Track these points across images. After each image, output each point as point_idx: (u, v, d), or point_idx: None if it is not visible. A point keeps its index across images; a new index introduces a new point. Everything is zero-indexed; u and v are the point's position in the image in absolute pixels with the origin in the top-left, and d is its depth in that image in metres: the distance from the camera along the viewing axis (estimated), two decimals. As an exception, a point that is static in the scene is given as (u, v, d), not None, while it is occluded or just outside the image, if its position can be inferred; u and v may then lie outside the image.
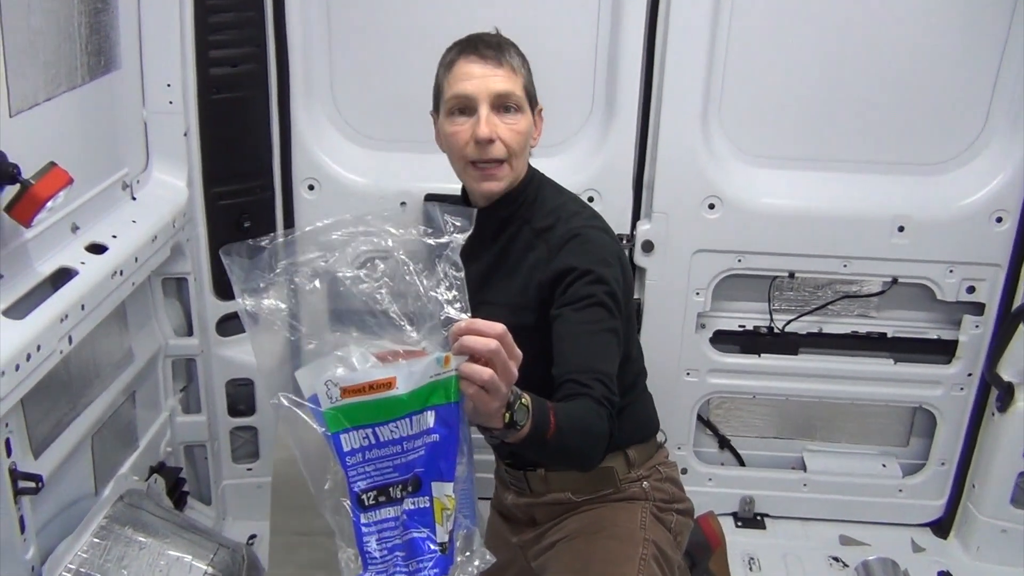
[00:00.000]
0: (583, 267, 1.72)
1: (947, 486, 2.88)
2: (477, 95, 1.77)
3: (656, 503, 1.95)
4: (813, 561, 2.76)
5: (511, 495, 2.06)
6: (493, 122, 1.77)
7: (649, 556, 1.85)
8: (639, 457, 1.96)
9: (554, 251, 1.78)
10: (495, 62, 1.77)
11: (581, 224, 1.81)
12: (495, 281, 1.87)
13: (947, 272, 2.64)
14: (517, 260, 1.84)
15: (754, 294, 2.78)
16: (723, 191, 2.58)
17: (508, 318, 1.78)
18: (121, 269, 2.04)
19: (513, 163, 1.82)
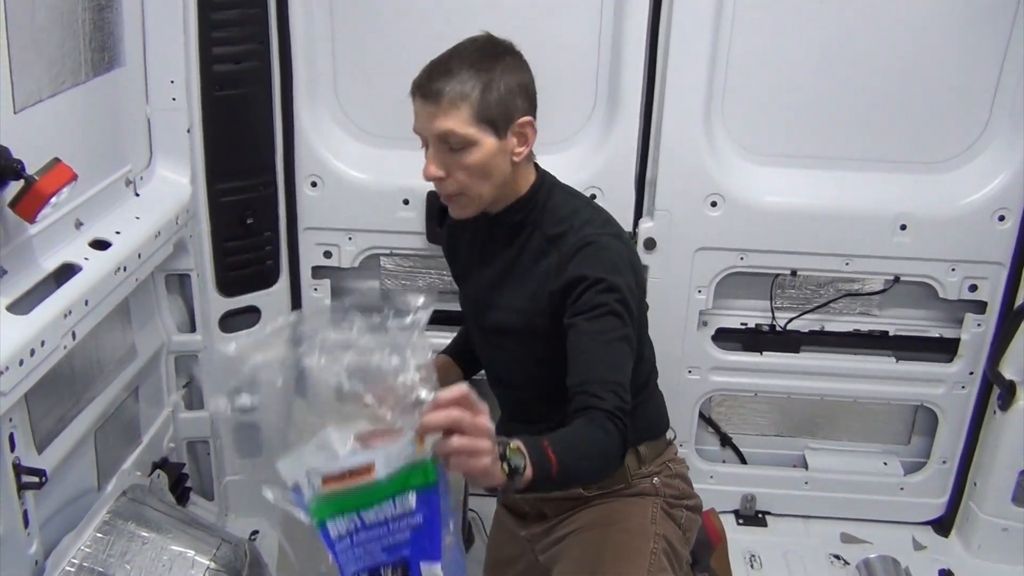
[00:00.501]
0: (594, 276, 1.71)
1: (948, 484, 2.88)
2: (423, 135, 1.75)
3: (666, 499, 1.96)
4: (814, 559, 2.77)
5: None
6: (439, 161, 1.73)
7: (659, 550, 1.87)
8: (650, 453, 1.98)
9: (566, 259, 1.76)
10: (433, 100, 1.70)
11: (593, 232, 1.78)
12: (507, 285, 1.87)
13: (949, 270, 2.64)
14: (529, 266, 1.83)
15: (756, 292, 2.78)
16: (725, 189, 2.58)
17: (519, 322, 1.84)
18: (124, 265, 2.04)
19: (474, 193, 1.77)
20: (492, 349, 1.98)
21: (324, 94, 2.59)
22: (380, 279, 2.85)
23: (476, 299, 1.95)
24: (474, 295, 1.96)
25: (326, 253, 2.72)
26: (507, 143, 1.75)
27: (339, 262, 2.73)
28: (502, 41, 1.78)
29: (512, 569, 2.08)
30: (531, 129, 1.78)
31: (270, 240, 2.65)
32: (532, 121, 1.78)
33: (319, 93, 2.58)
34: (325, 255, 2.73)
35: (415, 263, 2.80)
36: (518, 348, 1.89)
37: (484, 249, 1.93)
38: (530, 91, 1.79)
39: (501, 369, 2.00)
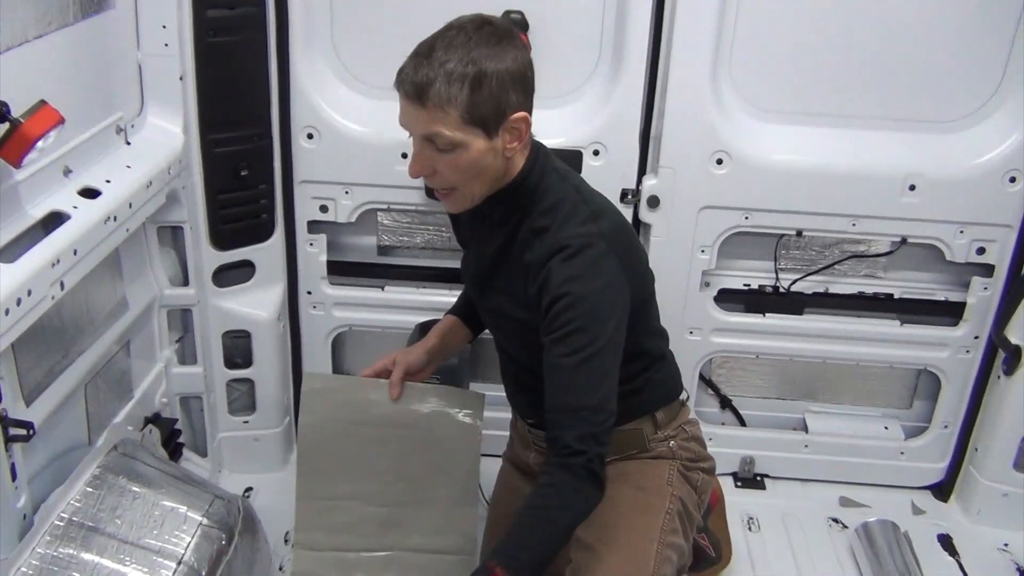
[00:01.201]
0: (559, 291, 1.64)
1: (949, 449, 2.86)
2: (409, 131, 1.68)
3: (683, 462, 1.95)
4: (812, 522, 2.75)
5: (533, 454, 2.05)
6: (425, 159, 1.66)
7: (674, 511, 1.87)
8: (665, 418, 1.96)
9: (541, 262, 1.69)
10: (417, 101, 1.60)
11: (570, 233, 1.69)
12: (501, 270, 1.83)
13: (957, 232, 2.60)
14: (517, 255, 1.78)
15: (760, 252, 2.74)
16: (732, 146, 2.52)
17: (511, 309, 1.80)
18: (115, 215, 1.98)
19: (466, 189, 1.71)
20: (492, 323, 1.96)
21: (321, 42, 2.52)
22: (377, 235, 2.80)
23: (476, 276, 1.92)
24: (474, 271, 1.93)
25: (322, 207, 2.67)
26: (498, 141, 1.66)
27: (335, 217, 2.67)
28: (496, 23, 1.66)
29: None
30: (525, 124, 1.68)
31: (265, 193, 2.59)
32: (527, 116, 1.68)
33: (316, 41, 2.51)
34: (321, 209, 2.67)
35: (413, 219, 2.75)
36: (514, 329, 1.86)
37: (483, 226, 1.88)
38: (526, 80, 1.68)
39: (502, 340, 1.98)
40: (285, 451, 2.87)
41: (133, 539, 1.83)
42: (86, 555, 1.77)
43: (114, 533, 1.83)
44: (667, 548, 1.82)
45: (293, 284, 2.77)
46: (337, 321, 2.83)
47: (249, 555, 2.08)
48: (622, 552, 1.79)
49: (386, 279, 2.81)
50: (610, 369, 1.68)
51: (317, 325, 2.84)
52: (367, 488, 2.00)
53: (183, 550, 1.88)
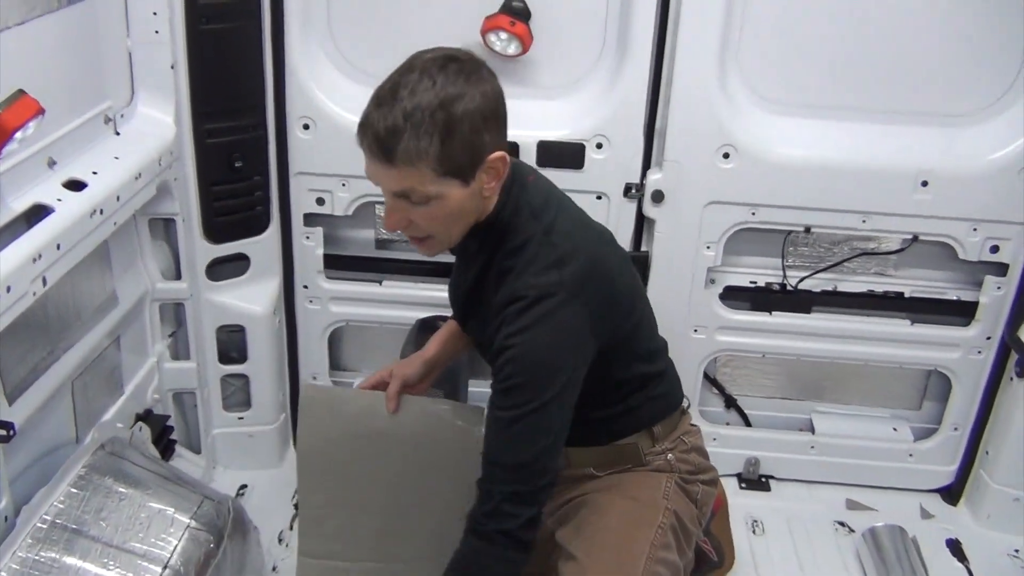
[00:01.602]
0: (505, 343, 1.56)
1: (959, 452, 2.80)
2: (378, 185, 1.56)
3: (681, 475, 1.88)
4: (818, 525, 2.69)
5: None
6: (399, 212, 1.55)
7: (667, 526, 1.80)
8: (663, 431, 1.88)
9: (501, 307, 1.61)
10: (384, 159, 1.47)
11: (527, 283, 1.58)
12: (476, 300, 1.75)
13: (971, 230, 2.53)
14: (488, 291, 1.69)
15: (767, 249, 2.67)
16: (738, 140, 2.46)
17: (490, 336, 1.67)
18: (101, 207, 1.93)
19: (443, 236, 1.62)
20: (478, 346, 1.90)
21: (318, 30, 2.45)
22: (375, 228, 2.74)
23: (456, 300, 1.89)
24: (454, 295, 1.90)
25: (319, 200, 2.61)
26: (476, 185, 1.55)
27: (332, 209, 2.62)
28: (460, 56, 1.53)
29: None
30: (502, 163, 1.57)
31: (260, 185, 2.53)
32: (504, 156, 1.56)
33: (312, 29, 2.44)
34: (318, 202, 2.61)
35: (412, 212, 2.69)
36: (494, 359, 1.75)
37: (462, 256, 1.82)
38: (498, 115, 1.56)
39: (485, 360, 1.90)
40: (280, 448, 2.82)
41: (118, 542, 1.79)
42: (68, 559, 1.72)
43: (98, 536, 1.78)
44: (656, 564, 1.74)
45: (289, 278, 2.72)
46: (334, 316, 2.78)
47: (239, 558, 2.04)
48: (608, 565, 1.72)
49: (384, 273, 2.75)
50: (553, 426, 1.60)
51: (313, 320, 2.78)
52: (368, 498, 1.96)
53: (169, 554, 1.83)
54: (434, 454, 1.92)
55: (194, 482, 2.14)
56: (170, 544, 1.84)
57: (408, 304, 2.71)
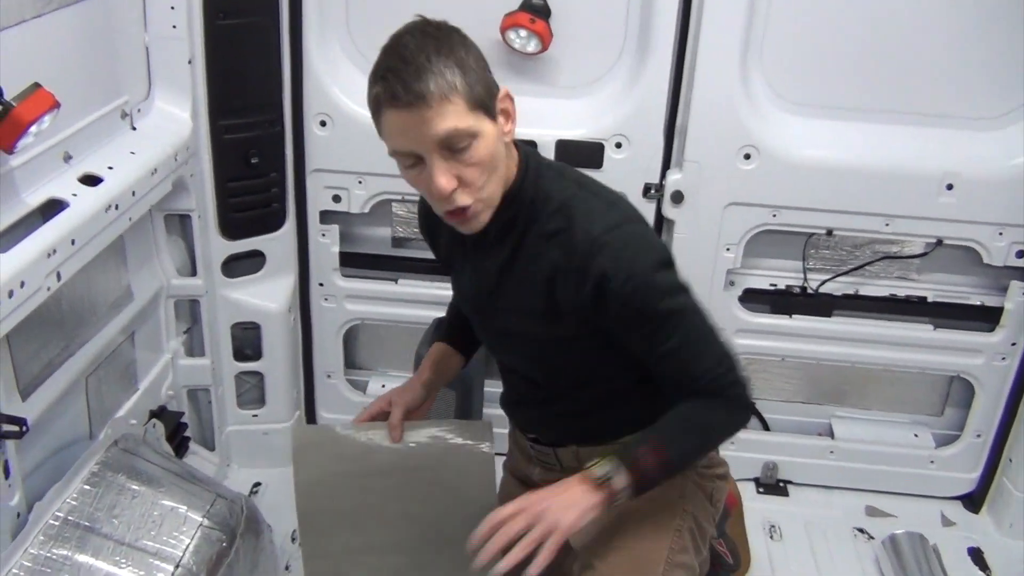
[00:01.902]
0: (625, 287, 1.50)
1: (982, 459, 2.75)
2: (417, 148, 1.46)
3: (698, 470, 1.84)
4: (837, 532, 2.65)
5: (538, 469, 1.94)
6: (448, 169, 1.46)
7: (684, 528, 1.76)
8: None
9: (575, 266, 1.54)
10: (420, 103, 1.42)
11: (595, 226, 1.54)
12: (507, 289, 1.67)
13: (996, 234, 2.48)
14: (528, 267, 1.62)
15: (788, 251, 2.63)
16: (760, 140, 2.42)
17: (525, 325, 1.65)
18: (117, 203, 1.91)
19: (487, 195, 1.53)
20: (498, 344, 1.81)
21: (336, 26, 2.44)
22: (391, 226, 2.72)
23: (476, 299, 1.76)
24: (472, 293, 1.76)
25: (335, 197, 2.59)
26: (498, 125, 1.52)
27: (348, 207, 2.60)
28: (438, 21, 1.52)
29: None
30: (510, 101, 1.55)
31: (276, 181, 2.52)
32: (509, 92, 1.55)
33: (330, 25, 2.43)
34: (334, 199, 2.59)
35: (428, 210, 2.67)
36: (525, 346, 1.72)
37: (474, 247, 1.71)
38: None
39: (509, 360, 1.84)
40: (294, 446, 2.81)
41: (130, 540, 1.77)
42: (80, 557, 1.71)
43: (110, 534, 1.76)
44: (674, 568, 1.71)
45: (304, 275, 2.70)
46: (349, 314, 2.76)
47: (252, 556, 2.02)
48: (626, 573, 1.69)
49: (400, 272, 2.73)
50: (708, 322, 1.62)
51: (328, 318, 2.77)
52: (380, 538, 1.85)
53: (181, 552, 1.81)
54: (447, 477, 1.83)
55: (207, 480, 2.12)
56: (182, 543, 1.83)
57: (424, 303, 2.68)
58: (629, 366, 1.66)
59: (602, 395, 1.73)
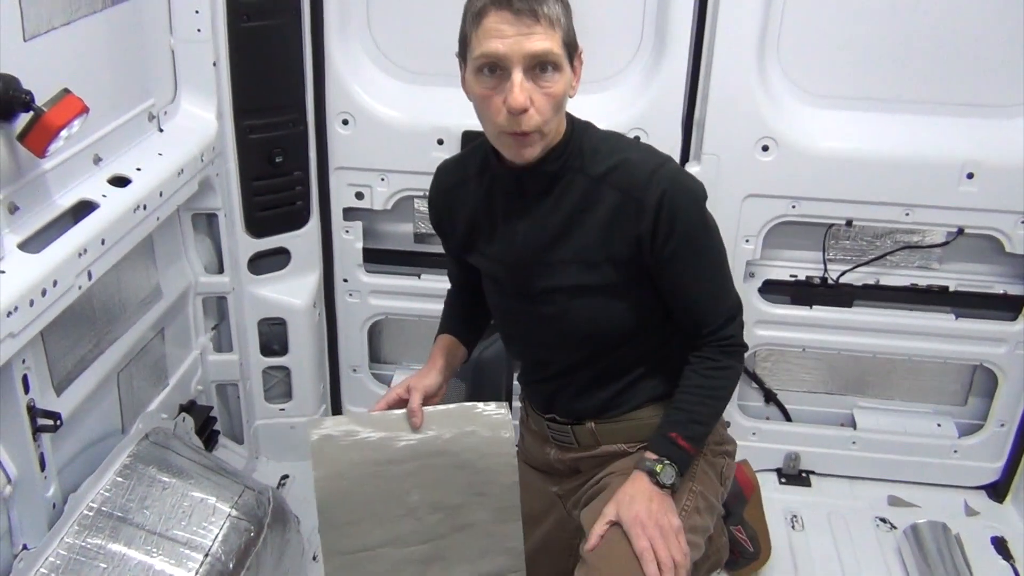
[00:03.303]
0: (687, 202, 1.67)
1: (1006, 448, 2.74)
2: (510, 56, 1.53)
3: (709, 447, 1.88)
4: (859, 522, 2.66)
5: (554, 450, 1.98)
6: (527, 89, 1.55)
7: (692, 507, 1.80)
8: None
9: (642, 197, 1.64)
10: (531, 17, 1.51)
11: (656, 163, 1.68)
12: (560, 241, 1.72)
13: (1018, 223, 2.47)
14: (579, 213, 1.69)
15: (808, 242, 2.64)
16: (778, 132, 2.43)
17: (581, 275, 1.72)
18: (145, 203, 1.97)
19: (550, 128, 1.62)
20: (534, 312, 1.82)
21: (357, 27, 2.48)
22: (414, 222, 2.76)
23: (517, 265, 1.78)
24: (513, 260, 1.79)
25: (358, 194, 2.63)
26: (572, 74, 1.64)
27: (371, 204, 2.64)
28: None
29: (540, 527, 2.00)
30: (581, 63, 1.67)
31: (300, 180, 2.57)
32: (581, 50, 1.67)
33: (351, 25, 2.47)
34: (357, 196, 2.64)
35: (450, 206, 2.71)
36: (572, 306, 1.76)
37: (513, 207, 1.76)
38: None
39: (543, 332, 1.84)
40: (321, 439, 2.85)
41: (161, 530, 1.83)
42: (113, 546, 1.77)
43: (142, 524, 1.82)
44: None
45: (329, 272, 2.75)
46: (373, 309, 2.81)
47: (279, 547, 2.07)
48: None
49: (422, 267, 2.77)
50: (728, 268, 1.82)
51: (353, 313, 2.82)
52: (401, 529, 1.85)
53: (211, 542, 1.87)
54: (468, 462, 1.84)
55: (236, 472, 2.17)
56: (212, 532, 1.88)
57: (446, 298, 2.72)
58: (656, 324, 1.79)
59: (628, 360, 1.82)
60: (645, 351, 1.82)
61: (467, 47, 1.61)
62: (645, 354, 1.83)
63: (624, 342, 1.80)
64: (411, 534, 1.86)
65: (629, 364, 1.83)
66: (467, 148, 1.94)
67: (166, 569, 1.78)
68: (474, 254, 1.89)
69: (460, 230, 1.89)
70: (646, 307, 1.77)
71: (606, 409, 1.86)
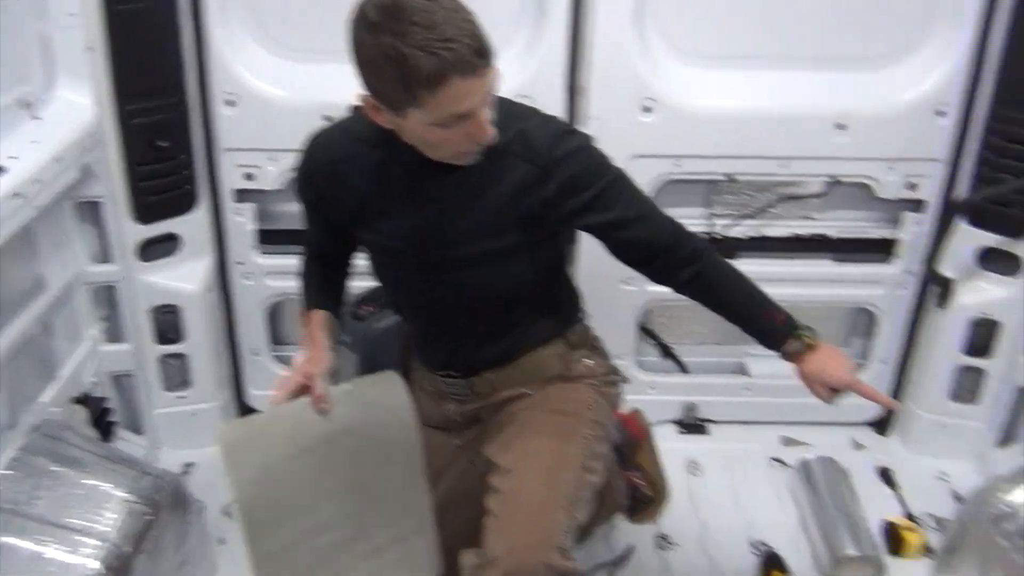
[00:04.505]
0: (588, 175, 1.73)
1: (888, 384, 2.88)
2: (478, 107, 1.54)
3: (600, 378, 1.97)
4: (755, 463, 2.78)
5: (452, 405, 2.02)
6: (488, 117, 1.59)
7: (592, 436, 1.87)
8: (578, 338, 1.97)
9: (547, 165, 1.67)
10: (486, 64, 1.51)
11: (556, 130, 1.72)
12: (465, 213, 1.74)
13: (887, 169, 2.59)
14: (483, 185, 1.70)
15: (694, 199, 2.72)
16: (658, 93, 2.50)
17: (487, 243, 1.74)
18: (21, 192, 1.93)
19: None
20: (436, 279, 1.82)
21: (237, 5, 2.44)
22: (307, 201, 2.74)
23: (419, 240, 1.78)
24: (414, 235, 1.78)
25: (247, 175, 2.61)
26: None
27: (262, 184, 2.62)
28: None
29: (445, 482, 2.03)
30: None
31: (186, 163, 2.53)
32: None
33: (232, 4, 2.43)
34: (247, 177, 2.61)
35: (342, 182, 2.70)
36: (479, 271, 1.78)
37: (413, 183, 1.75)
38: None
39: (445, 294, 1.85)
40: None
41: (54, 519, 1.81)
42: (3, 538, 1.74)
43: (34, 515, 1.80)
44: (586, 472, 1.81)
45: (223, 255, 2.72)
46: (271, 291, 2.79)
47: (179, 530, 2.06)
48: (543, 473, 1.76)
49: (319, 246, 2.76)
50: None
51: (250, 296, 2.79)
52: (323, 515, 1.87)
53: (107, 528, 1.85)
54: (373, 434, 1.88)
55: (131, 459, 2.15)
56: (107, 518, 1.86)
57: (345, 274, 2.72)
58: (552, 273, 1.88)
59: (523, 310, 1.87)
60: (539, 299, 1.89)
61: (412, 104, 1.51)
62: (539, 301, 1.89)
63: (522, 296, 1.85)
64: (334, 519, 1.88)
65: (524, 313, 1.89)
66: (345, 119, 1.88)
67: (59, 557, 1.76)
68: (364, 229, 1.86)
69: (348, 205, 1.84)
70: (545, 260, 1.85)
71: (502, 358, 1.91)
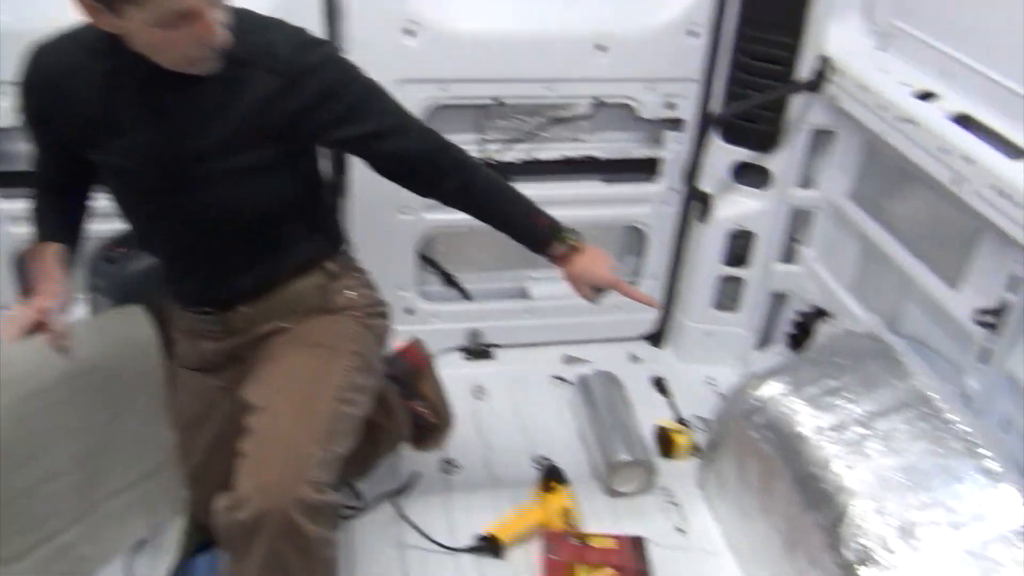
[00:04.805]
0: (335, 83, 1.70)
1: (660, 299, 3.02)
2: (205, 5, 1.46)
3: (363, 309, 1.94)
4: (538, 383, 2.85)
5: (209, 343, 1.93)
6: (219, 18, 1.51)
7: (353, 367, 1.84)
8: (339, 269, 1.94)
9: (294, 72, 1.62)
10: None
11: (299, 40, 1.67)
12: (203, 126, 1.64)
13: (647, 90, 2.67)
14: (225, 97, 1.61)
15: (465, 125, 2.70)
16: (420, 15, 2.44)
17: (232, 159, 1.65)
18: None
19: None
20: (181, 203, 1.72)
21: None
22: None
23: (157, 157, 1.67)
24: (151, 153, 1.67)
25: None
26: None
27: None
28: None
29: (209, 426, 1.96)
30: None
31: None
32: None
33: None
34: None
35: None
36: (228, 192, 1.70)
37: (147, 96, 1.63)
38: None
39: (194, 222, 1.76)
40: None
41: None
42: None
43: None
44: (344, 404, 1.78)
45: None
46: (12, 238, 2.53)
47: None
48: (296, 407, 1.72)
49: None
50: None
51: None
52: (61, 458, 1.75)
53: None
54: (116, 369, 1.78)
55: None
56: None
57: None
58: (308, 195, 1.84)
59: (277, 234, 1.81)
60: (294, 222, 1.83)
61: (130, 2, 1.42)
62: (294, 226, 1.83)
63: (277, 218, 1.79)
64: (68, 462, 1.76)
65: (278, 238, 1.82)
66: (74, 27, 1.68)
67: None
68: (97, 150, 1.72)
69: (75, 122, 1.69)
70: (299, 180, 1.79)
71: (257, 290, 1.85)
